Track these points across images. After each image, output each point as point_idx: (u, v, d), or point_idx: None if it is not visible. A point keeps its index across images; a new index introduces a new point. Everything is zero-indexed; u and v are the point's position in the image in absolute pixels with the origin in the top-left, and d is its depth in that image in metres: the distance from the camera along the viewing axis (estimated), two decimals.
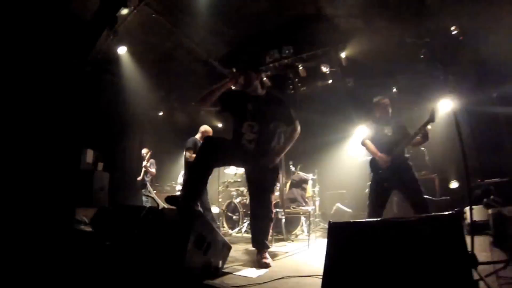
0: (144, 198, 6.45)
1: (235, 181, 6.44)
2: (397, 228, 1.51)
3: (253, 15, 6.50)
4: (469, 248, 1.77)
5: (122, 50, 6.11)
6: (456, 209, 1.49)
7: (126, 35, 6.06)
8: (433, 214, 1.63)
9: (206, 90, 2.80)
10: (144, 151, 6.82)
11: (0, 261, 3.10)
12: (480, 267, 1.70)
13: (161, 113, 8.29)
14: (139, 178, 6.66)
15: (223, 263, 2.33)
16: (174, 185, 7.08)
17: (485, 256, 2.25)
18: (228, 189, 6.30)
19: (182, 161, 7.25)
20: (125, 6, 5.43)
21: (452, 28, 5.41)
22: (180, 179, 6.46)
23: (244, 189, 6.01)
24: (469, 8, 5.05)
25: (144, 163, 6.59)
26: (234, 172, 6.31)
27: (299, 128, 2.89)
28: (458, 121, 2.30)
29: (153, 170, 6.72)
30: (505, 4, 4.76)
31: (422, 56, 2.71)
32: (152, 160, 6.73)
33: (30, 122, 5.44)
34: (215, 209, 5.86)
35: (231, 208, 5.73)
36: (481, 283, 1.52)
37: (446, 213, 1.43)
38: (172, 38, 6.69)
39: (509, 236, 2.59)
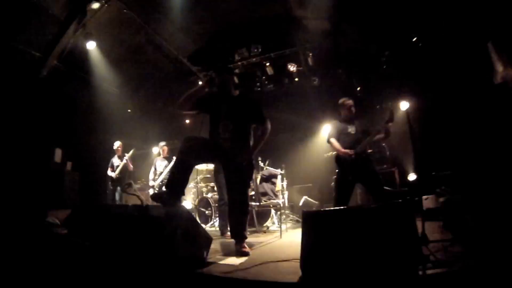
0: (117, 196, 6.40)
1: (205, 177, 6.56)
2: (360, 215, 1.82)
3: (222, 13, 6.63)
4: (423, 231, 2.15)
5: (91, 45, 5.98)
6: (407, 198, 1.81)
7: (95, 30, 5.97)
8: (389, 202, 1.97)
9: (183, 95, 3.03)
10: (117, 144, 6.74)
11: None
12: (431, 245, 2.07)
13: (129, 110, 8.19)
14: (112, 174, 6.59)
15: (207, 253, 2.53)
16: (145, 182, 7.07)
17: (437, 236, 2.61)
18: (199, 185, 6.43)
19: (151, 159, 7.28)
20: (97, 0, 5.36)
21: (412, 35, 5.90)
22: (151, 175, 6.49)
23: (214, 185, 6.15)
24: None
25: (125, 159, 6.51)
26: (204, 168, 6.44)
27: (269, 126, 3.15)
28: (410, 121, 2.64)
29: (130, 165, 6.67)
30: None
31: (384, 67, 3.03)
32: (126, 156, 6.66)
33: None
34: (188, 205, 5.99)
35: (204, 203, 5.87)
36: (432, 257, 1.86)
37: (399, 201, 1.76)
38: (142, 33, 6.65)
39: (456, 220, 3.02)
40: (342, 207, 2.11)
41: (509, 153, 2.09)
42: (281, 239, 3.81)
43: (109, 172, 6.65)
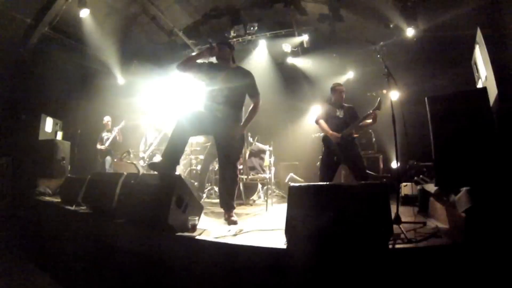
0: (107, 166, 6.52)
1: (194, 149, 6.69)
2: (341, 191, 2.03)
3: None
4: (398, 212, 2.38)
5: (84, 13, 5.87)
6: (383, 181, 2.03)
7: None
8: (368, 182, 2.18)
9: (186, 57, 3.31)
10: (107, 118, 6.80)
11: None
12: (404, 225, 2.31)
13: (121, 81, 8.13)
14: (102, 147, 6.68)
15: (198, 220, 2.72)
16: (135, 153, 7.16)
17: (411, 219, 2.85)
18: (189, 156, 6.55)
19: (141, 129, 7.34)
20: None
21: (409, 28, 6.02)
22: (142, 146, 6.59)
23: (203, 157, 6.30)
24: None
25: (116, 130, 6.62)
26: (194, 141, 6.56)
27: (260, 100, 3.32)
28: (393, 112, 2.83)
29: (121, 136, 6.77)
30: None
31: (378, 56, 3.17)
32: (115, 128, 6.75)
33: None
34: None
35: (193, 175, 6.03)
36: (402, 235, 2.09)
37: (377, 182, 1.97)
38: (138, 3, 6.58)
39: (428, 206, 3.29)
40: (324, 183, 2.31)
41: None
42: (266, 212, 4.05)
43: (98, 146, 6.77)
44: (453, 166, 2.43)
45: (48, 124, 5.99)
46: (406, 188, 4.18)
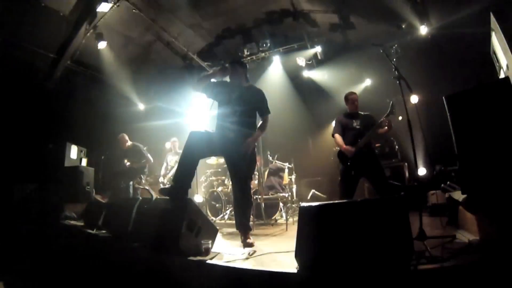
0: (130, 190, 6.59)
1: (216, 171, 6.69)
2: (353, 208, 1.89)
3: (230, 9, 6.70)
4: (421, 227, 2.19)
5: (102, 45, 6.15)
6: (401, 194, 1.86)
7: (106, 30, 6.12)
8: (384, 196, 2.02)
9: (200, 77, 3.37)
10: (129, 143, 6.93)
11: None
12: (430, 241, 2.11)
13: (141, 107, 8.37)
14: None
15: (212, 244, 2.65)
16: (156, 176, 7.24)
17: (438, 232, 2.64)
18: (210, 179, 6.55)
19: (163, 154, 7.43)
20: (106, 1, 5.50)
21: (421, 27, 5.83)
22: (163, 171, 6.66)
23: (225, 179, 6.29)
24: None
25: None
26: (215, 162, 6.59)
27: (268, 119, 3.29)
28: (409, 116, 2.67)
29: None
30: None
31: (394, 59, 3.04)
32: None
33: (9, 122, 5.48)
34: (198, 198, 6.13)
35: (214, 196, 5.99)
36: (427, 253, 1.90)
37: (392, 196, 1.82)
38: (151, 32, 6.81)
39: (457, 216, 3.03)
40: (334, 201, 2.17)
41: None
42: (286, 232, 3.91)
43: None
44: (480, 170, 2.21)
45: (73, 151, 6.20)
46: (434, 197, 3.92)
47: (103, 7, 5.59)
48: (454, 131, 2.41)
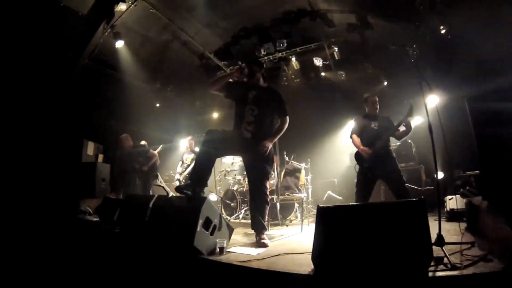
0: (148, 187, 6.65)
1: (232, 170, 6.71)
2: (371, 211, 1.85)
3: (247, 9, 6.69)
4: (440, 232, 2.12)
5: (119, 44, 6.25)
6: (420, 197, 1.80)
7: (123, 29, 6.22)
8: (403, 200, 1.97)
9: (216, 76, 3.34)
10: (142, 143, 7.02)
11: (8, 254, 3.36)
12: (448, 247, 2.04)
13: (158, 105, 8.48)
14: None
15: (227, 243, 2.65)
16: (172, 174, 7.31)
17: (457, 238, 2.56)
18: (226, 177, 6.57)
19: (179, 152, 7.50)
20: (123, 1, 5.58)
21: (441, 27, 5.68)
22: (179, 169, 6.71)
23: (240, 178, 6.29)
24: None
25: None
26: (231, 161, 6.61)
27: (287, 121, 3.26)
28: (429, 119, 2.59)
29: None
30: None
31: (412, 60, 2.96)
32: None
33: (29, 118, 5.62)
34: (213, 197, 6.16)
35: (229, 195, 6.00)
36: (446, 260, 1.84)
37: (411, 200, 1.77)
38: (168, 31, 6.88)
39: (477, 223, 2.93)
40: (352, 203, 2.13)
41: None
42: (301, 233, 3.87)
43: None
44: (502, 175, 2.12)
45: (90, 147, 6.34)
46: (452, 202, 3.81)
47: (121, 7, 5.67)
48: (476, 135, 2.32)
